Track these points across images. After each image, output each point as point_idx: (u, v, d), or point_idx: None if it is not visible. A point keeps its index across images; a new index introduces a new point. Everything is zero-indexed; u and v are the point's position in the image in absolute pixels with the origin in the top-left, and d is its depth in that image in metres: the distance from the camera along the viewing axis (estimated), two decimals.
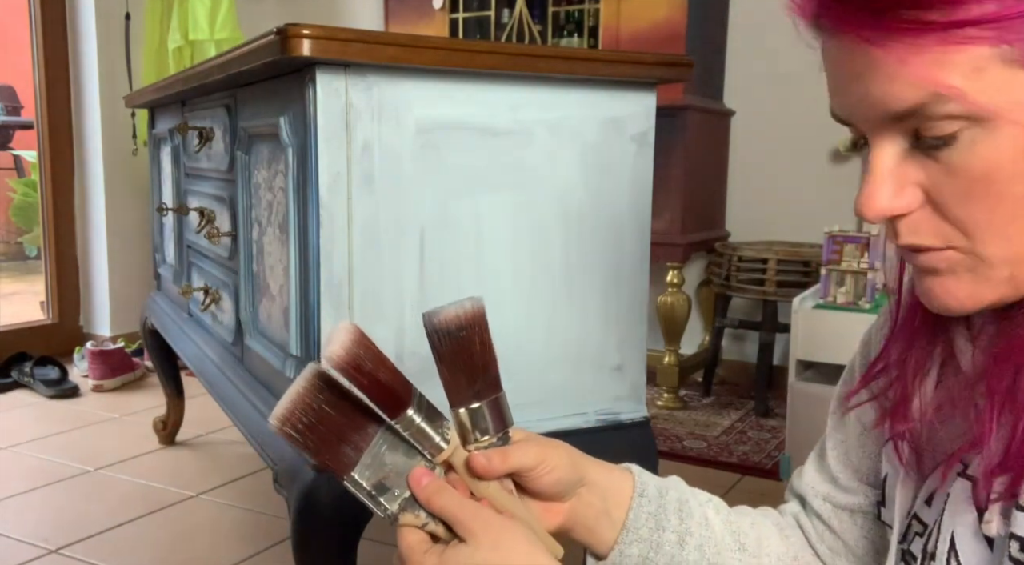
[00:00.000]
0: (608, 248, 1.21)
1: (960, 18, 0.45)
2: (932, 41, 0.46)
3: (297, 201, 1.09)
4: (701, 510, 0.75)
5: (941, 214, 0.51)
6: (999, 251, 0.50)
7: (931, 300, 0.54)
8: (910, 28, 0.46)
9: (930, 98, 0.47)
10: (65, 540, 1.66)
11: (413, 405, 0.60)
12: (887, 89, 0.49)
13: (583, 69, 1.14)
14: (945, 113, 0.47)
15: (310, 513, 1.04)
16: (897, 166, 0.51)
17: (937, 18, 0.46)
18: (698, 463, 2.12)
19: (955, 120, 0.47)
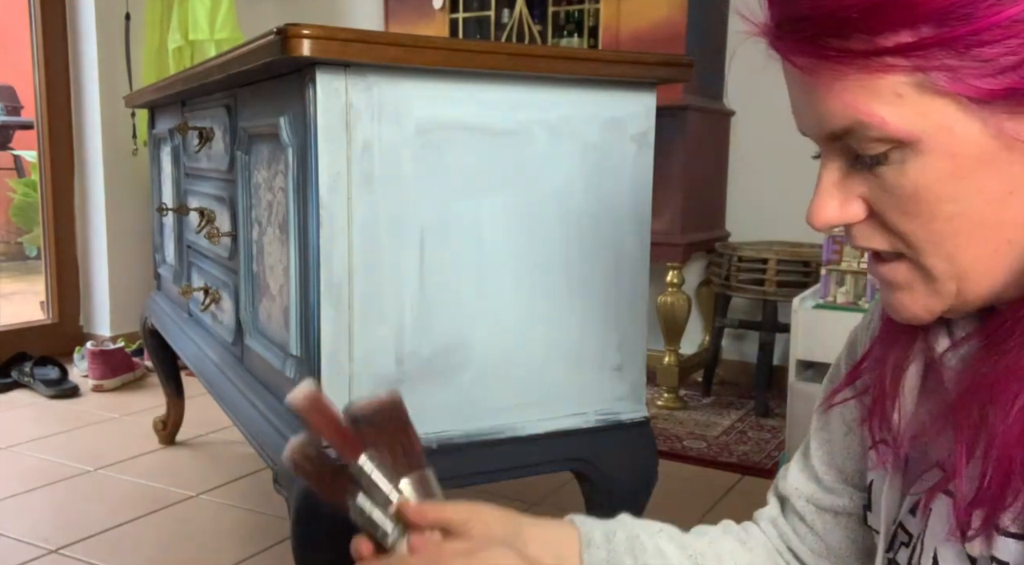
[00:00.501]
0: (608, 248, 1.21)
1: (878, 47, 0.47)
2: (854, 69, 0.49)
3: (297, 201, 1.09)
4: (653, 542, 0.75)
5: (884, 226, 0.54)
6: (941, 265, 0.52)
7: (892, 312, 0.57)
8: (835, 56, 0.49)
9: (855, 123, 0.50)
10: (65, 540, 1.66)
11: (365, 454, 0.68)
12: (821, 111, 0.52)
13: (583, 69, 1.14)
14: (871, 136, 0.50)
15: (310, 513, 1.04)
16: (842, 180, 0.54)
17: (858, 47, 0.48)
18: (698, 463, 2.12)
19: (882, 142, 0.50)
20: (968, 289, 0.53)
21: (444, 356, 1.12)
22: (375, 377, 1.08)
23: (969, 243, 0.51)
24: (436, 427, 1.12)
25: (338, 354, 1.06)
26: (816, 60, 0.50)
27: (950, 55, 0.46)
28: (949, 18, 0.46)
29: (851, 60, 0.49)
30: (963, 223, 0.50)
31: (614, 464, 1.24)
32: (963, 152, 0.49)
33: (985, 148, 0.48)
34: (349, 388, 1.07)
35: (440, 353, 1.12)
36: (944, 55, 0.46)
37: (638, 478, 1.27)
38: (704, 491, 1.95)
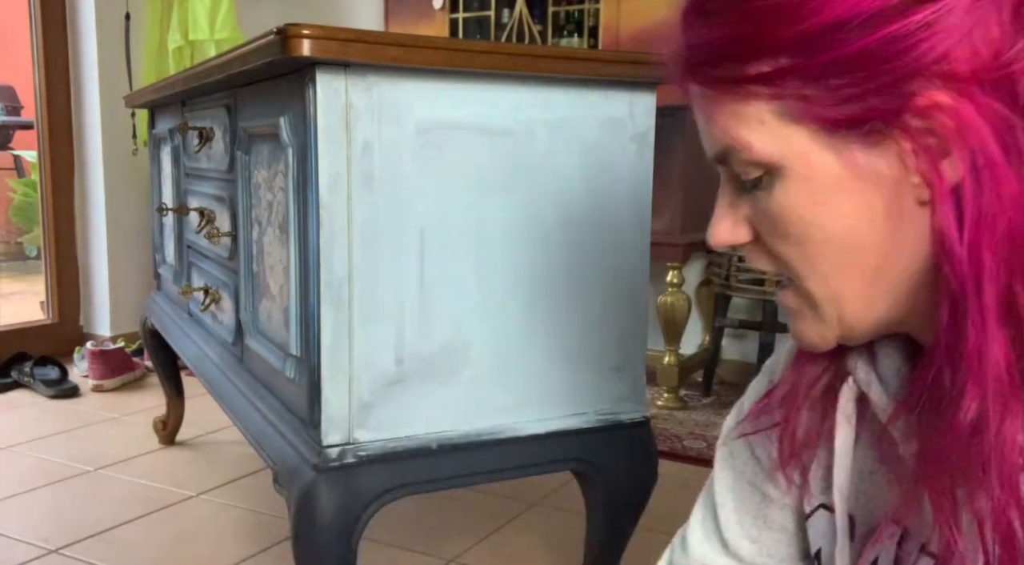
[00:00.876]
0: (608, 248, 1.21)
1: (743, 75, 0.51)
2: (726, 96, 0.53)
3: (297, 201, 1.09)
4: None
5: (767, 249, 0.57)
6: (818, 289, 0.55)
7: (795, 339, 0.60)
8: (713, 83, 0.54)
9: (728, 147, 0.54)
10: (65, 540, 1.66)
11: None
12: (707, 135, 0.57)
13: (583, 69, 1.14)
14: (743, 160, 0.54)
15: (310, 513, 1.04)
16: (732, 202, 0.58)
17: (727, 75, 0.52)
18: (698, 463, 2.12)
19: (753, 166, 0.54)
20: (847, 314, 0.55)
21: (444, 356, 1.12)
22: (375, 377, 1.08)
23: (839, 267, 0.54)
24: (436, 427, 1.12)
25: (338, 354, 1.06)
26: (698, 87, 0.55)
27: (803, 85, 0.50)
28: (802, 49, 0.49)
29: (724, 87, 0.53)
30: (829, 248, 0.53)
31: (614, 464, 1.24)
32: (820, 179, 0.52)
33: (840, 176, 0.51)
34: (349, 388, 1.07)
35: (440, 353, 1.12)
36: (798, 84, 0.50)
37: (638, 478, 1.27)
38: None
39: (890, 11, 0.47)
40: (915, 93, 0.48)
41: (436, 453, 1.12)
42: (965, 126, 0.48)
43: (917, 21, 0.47)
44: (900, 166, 0.50)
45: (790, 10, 0.49)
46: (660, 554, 0.81)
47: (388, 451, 1.09)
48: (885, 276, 0.53)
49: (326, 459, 1.05)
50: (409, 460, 1.10)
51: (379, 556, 1.60)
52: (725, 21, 0.52)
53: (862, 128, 0.50)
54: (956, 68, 0.47)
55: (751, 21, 0.51)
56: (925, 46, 0.47)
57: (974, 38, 0.47)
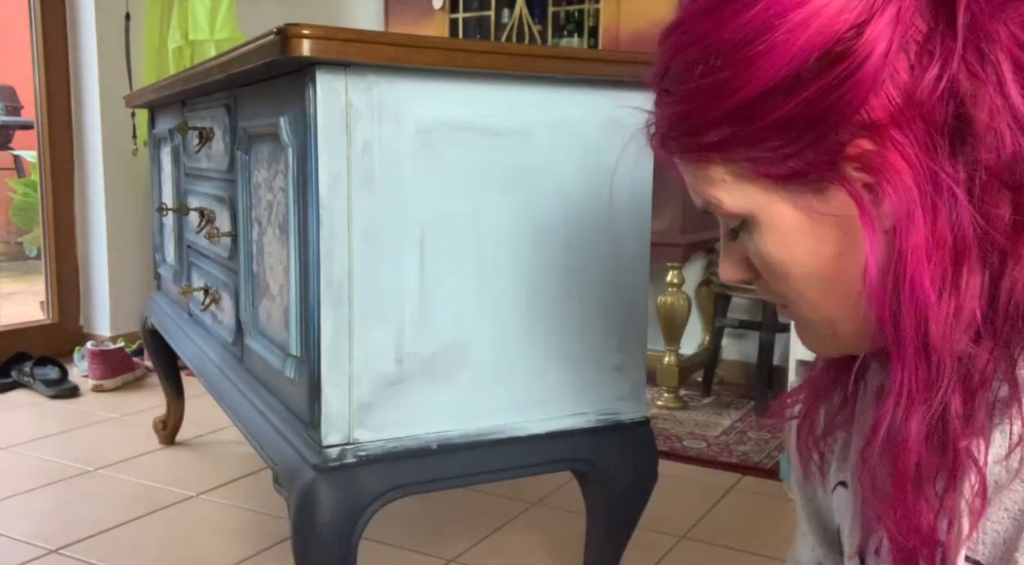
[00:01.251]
0: (608, 248, 1.21)
1: (697, 144, 0.58)
2: (690, 162, 0.60)
3: (297, 201, 1.09)
4: None
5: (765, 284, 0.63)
6: (811, 314, 0.61)
7: (806, 348, 0.66)
8: (676, 152, 0.60)
9: (705, 204, 0.61)
10: (65, 540, 1.66)
11: None
12: (690, 191, 0.62)
13: (583, 69, 1.14)
14: (720, 213, 0.60)
15: (310, 513, 1.04)
16: (730, 245, 0.64)
17: (686, 144, 0.59)
18: (698, 463, 2.12)
19: (730, 218, 0.60)
20: (841, 330, 0.61)
21: (444, 356, 1.12)
22: (375, 377, 1.08)
23: (823, 294, 0.59)
24: (436, 427, 1.12)
25: (338, 354, 1.06)
26: (668, 154, 0.61)
27: (748, 148, 0.56)
28: (739, 119, 0.55)
29: (685, 155, 0.60)
30: (810, 281, 0.59)
31: (614, 464, 1.24)
32: (784, 225, 0.58)
33: (800, 221, 0.57)
34: (349, 388, 1.07)
35: (440, 353, 1.12)
36: (744, 148, 0.56)
37: (638, 478, 1.27)
38: (704, 491, 1.95)
39: (806, 74, 0.52)
40: (844, 143, 0.53)
41: (436, 453, 1.12)
42: (889, 169, 0.53)
43: (832, 78, 0.51)
44: (851, 204, 0.55)
45: (723, 86, 0.54)
46: (660, 554, 0.82)
47: (388, 451, 1.09)
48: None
49: (326, 459, 1.05)
50: (409, 460, 1.10)
51: (379, 556, 1.60)
52: (678, 98, 0.58)
53: (807, 179, 0.55)
54: (874, 116, 0.52)
55: (695, 97, 0.56)
56: (843, 101, 0.52)
57: (887, 85, 0.52)
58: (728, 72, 0.54)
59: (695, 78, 0.56)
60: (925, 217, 0.52)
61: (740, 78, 0.54)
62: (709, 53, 0.55)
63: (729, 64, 0.54)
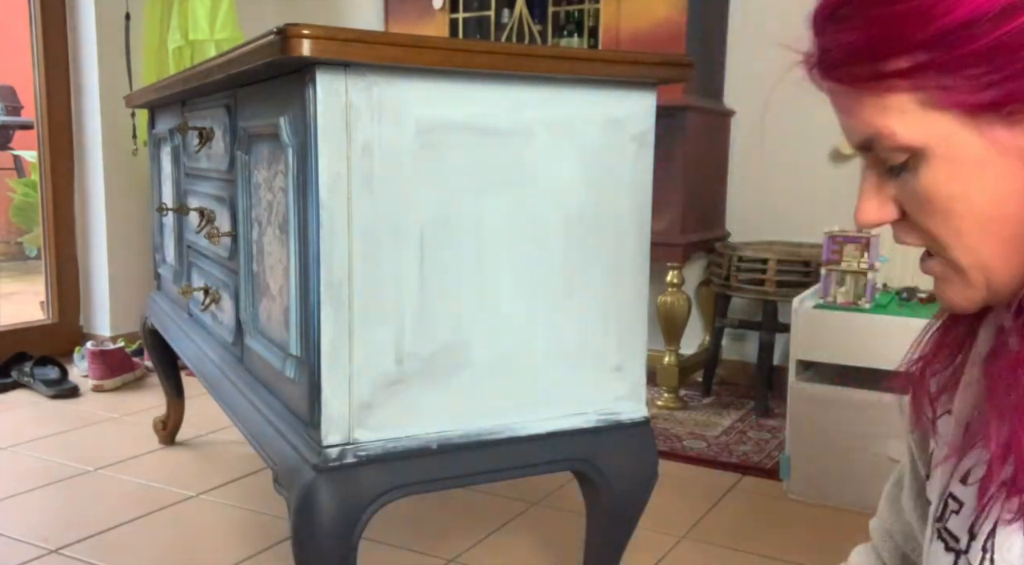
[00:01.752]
0: (608, 248, 1.21)
1: (882, 71, 0.56)
2: (868, 91, 0.58)
3: (297, 201, 1.09)
4: None
5: (915, 226, 0.62)
6: (965, 258, 0.60)
7: (941, 301, 0.65)
8: (851, 81, 0.58)
9: (873, 136, 0.59)
10: (65, 540, 1.66)
11: None
12: (849, 127, 0.61)
13: (583, 69, 1.14)
14: (887, 146, 0.59)
15: (310, 513, 1.04)
16: (877, 185, 0.62)
17: (866, 72, 0.57)
18: (698, 463, 2.12)
19: (898, 152, 0.58)
20: (995, 278, 0.60)
21: (444, 356, 1.12)
22: (375, 377, 1.08)
23: (983, 236, 0.58)
24: (436, 427, 1.12)
25: (338, 354, 1.06)
26: (837, 84, 0.60)
27: (943, 76, 0.55)
28: (938, 45, 0.54)
29: (862, 84, 0.58)
30: (974, 220, 0.58)
31: (614, 464, 1.24)
32: (964, 158, 0.56)
33: (983, 154, 0.56)
34: (349, 388, 1.07)
35: (440, 353, 1.12)
36: (938, 76, 0.55)
37: (638, 478, 1.27)
38: (704, 491, 1.95)
39: (1020, 4, 0.52)
40: None
41: (436, 453, 1.12)
42: None
43: None
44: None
45: (923, 11, 0.53)
46: (660, 554, 0.82)
47: (388, 451, 1.09)
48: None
49: (326, 459, 1.05)
50: (409, 460, 1.10)
51: (379, 556, 1.60)
52: (861, 24, 0.56)
53: (1003, 110, 0.54)
54: None
55: (886, 23, 0.55)
56: None
57: None
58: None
59: (889, 3, 0.55)
60: None
61: (946, 3, 0.52)
62: None
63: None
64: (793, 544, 1.67)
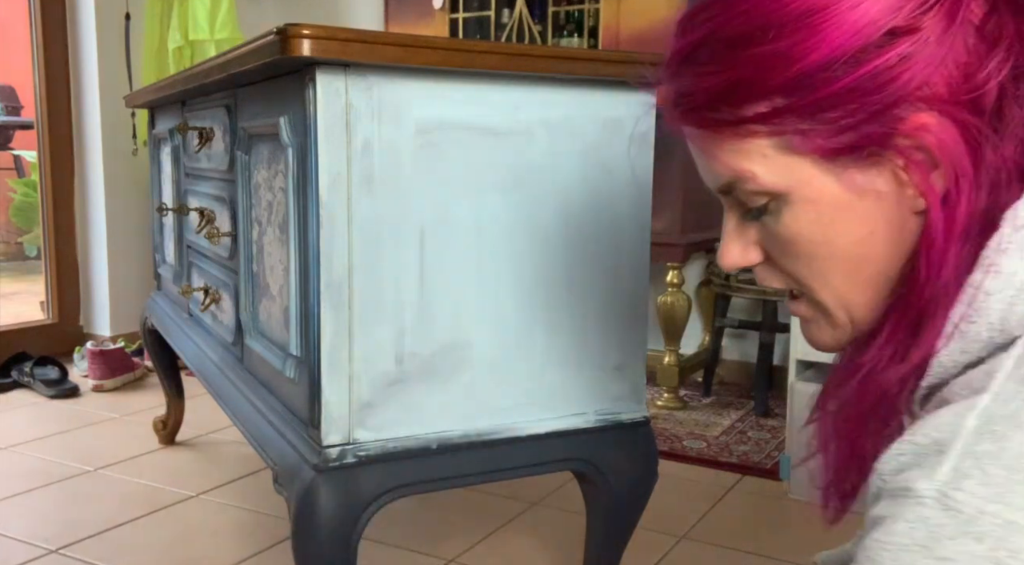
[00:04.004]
0: (608, 248, 1.21)
1: (742, 116, 0.56)
2: (727, 135, 0.58)
3: (297, 201, 1.09)
4: None
5: (777, 268, 0.62)
6: (829, 298, 0.60)
7: (810, 344, 0.66)
8: (711, 125, 0.58)
9: (733, 179, 0.59)
10: (65, 540, 1.66)
11: None
12: (708, 170, 0.61)
13: (583, 69, 1.14)
14: (748, 190, 0.58)
15: (310, 513, 1.04)
16: (738, 227, 0.63)
17: (725, 117, 0.57)
18: (698, 463, 2.12)
19: (759, 195, 0.58)
20: (858, 317, 0.61)
21: (444, 356, 1.12)
22: (375, 377, 1.08)
23: (847, 278, 0.59)
24: (436, 427, 1.12)
25: (338, 354, 1.06)
26: (697, 129, 0.59)
27: (800, 120, 0.55)
28: (796, 89, 0.54)
29: (723, 128, 0.57)
30: (837, 262, 0.58)
31: (614, 464, 1.24)
32: (824, 201, 0.57)
33: (841, 197, 0.56)
34: (349, 388, 1.07)
35: (440, 353, 1.12)
36: (795, 120, 0.55)
37: (638, 478, 1.27)
38: (704, 491, 1.95)
39: (871, 48, 0.52)
40: (903, 117, 0.53)
41: (436, 453, 1.12)
42: (946, 142, 0.53)
43: (897, 54, 0.52)
44: (895, 181, 0.56)
45: (779, 56, 0.53)
46: (660, 554, 0.82)
47: (388, 451, 1.09)
48: (887, 280, 0.59)
49: (326, 459, 1.05)
50: (409, 460, 1.10)
51: (379, 556, 1.60)
52: (717, 68, 0.56)
53: (859, 153, 0.55)
54: (936, 91, 0.53)
55: (743, 67, 0.55)
56: (907, 76, 0.52)
57: (948, 63, 0.53)
58: (788, 41, 0.53)
59: (746, 47, 0.55)
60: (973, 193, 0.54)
61: (802, 47, 0.53)
62: (768, 22, 0.54)
63: (790, 33, 0.53)
64: (793, 544, 1.67)
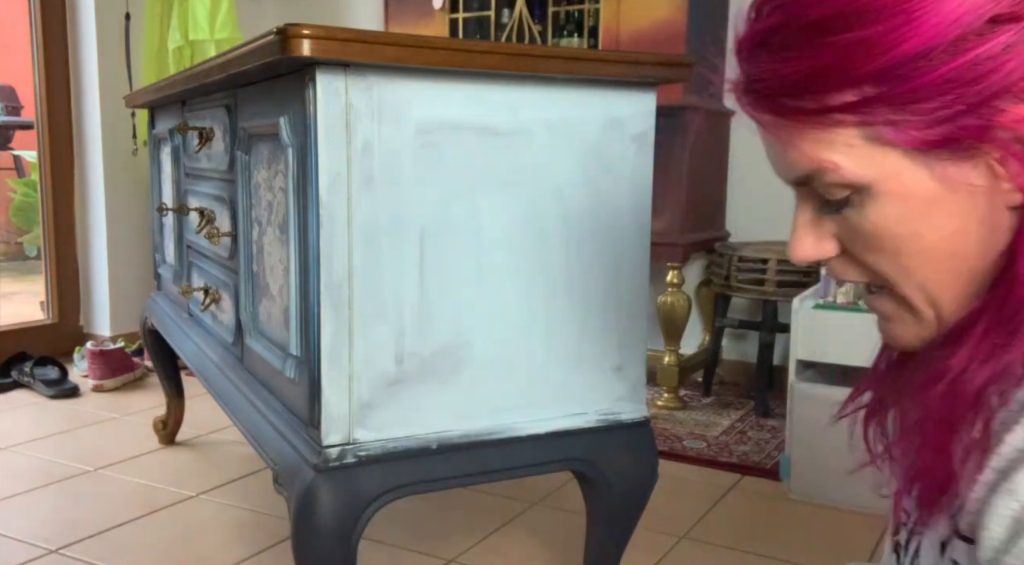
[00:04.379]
0: (608, 248, 1.21)
1: (827, 105, 0.53)
2: (810, 124, 0.55)
3: (297, 201, 1.09)
4: None
5: (856, 262, 0.59)
6: (916, 294, 0.58)
7: (889, 341, 0.63)
8: (791, 114, 0.55)
9: (815, 171, 0.56)
10: (65, 540, 1.66)
11: None
12: (785, 160, 0.58)
13: (583, 69, 1.14)
14: (829, 182, 0.56)
15: (310, 513, 1.04)
16: (814, 220, 0.60)
17: (810, 106, 0.54)
18: (698, 463, 2.12)
19: (840, 188, 0.56)
20: (945, 314, 0.58)
21: (444, 356, 1.12)
22: (375, 377, 1.08)
23: (935, 274, 0.56)
24: (436, 427, 1.12)
25: (338, 354, 1.06)
26: (775, 117, 0.56)
27: (892, 110, 0.52)
28: (888, 79, 0.51)
29: (805, 117, 0.54)
30: (925, 257, 0.56)
31: (614, 464, 1.24)
32: (914, 195, 0.54)
33: (933, 191, 0.54)
34: (349, 388, 1.07)
35: (440, 353, 1.12)
36: (886, 111, 0.52)
37: (638, 478, 1.27)
38: (704, 491, 1.95)
39: (971, 36, 0.50)
40: (1003, 109, 0.51)
41: (436, 453, 1.12)
42: None
43: (1000, 43, 0.49)
44: (990, 174, 0.53)
45: (872, 42, 0.51)
46: (660, 554, 0.82)
47: (388, 451, 1.09)
48: (976, 277, 0.56)
49: (326, 459, 1.05)
50: (409, 460, 1.10)
51: (379, 556, 1.60)
52: (800, 55, 0.53)
53: (954, 145, 0.52)
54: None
55: (829, 54, 0.52)
56: (1010, 66, 0.50)
57: None
58: (882, 27, 0.50)
59: (832, 32, 0.52)
60: None
61: (898, 34, 0.50)
62: (857, 6, 0.51)
63: (884, 19, 0.50)
64: (793, 544, 1.67)
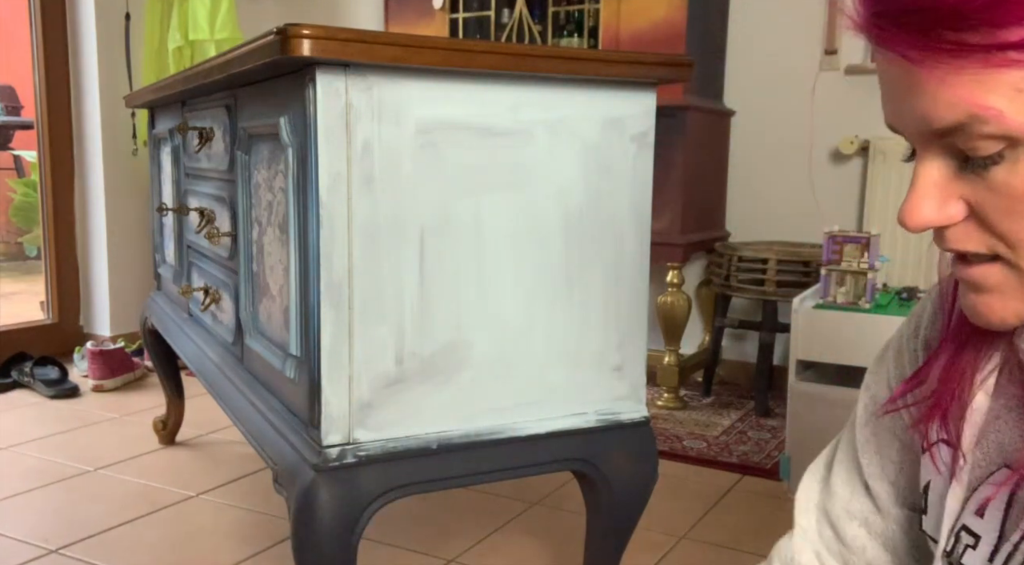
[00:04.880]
0: (608, 248, 1.21)
1: (1002, 41, 0.45)
2: (973, 63, 0.46)
3: (297, 201, 1.09)
4: None
5: (985, 227, 0.51)
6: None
7: (975, 316, 0.55)
8: (952, 49, 0.47)
9: (969, 118, 0.48)
10: (65, 540, 1.66)
11: None
12: (929, 107, 0.49)
13: (583, 69, 1.14)
14: (985, 133, 0.48)
15: (310, 513, 1.04)
16: (941, 180, 0.52)
17: (979, 41, 0.46)
18: (698, 463, 2.12)
19: (995, 140, 0.48)
20: None
21: (444, 356, 1.12)
22: (375, 377, 1.08)
23: None
24: (436, 427, 1.12)
25: (338, 354, 1.06)
26: (928, 53, 0.48)
27: None
28: None
29: (969, 53, 0.46)
30: None
31: (614, 464, 1.24)
32: None
33: None
34: (349, 388, 1.07)
35: (440, 353, 1.12)
36: None
37: (638, 478, 1.27)
38: (704, 491, 1.95)
39: None
40: None
41: (436, 453, 1.12)
42: None
43: None
44: None
45: None
46: (660, 554, 0.81)
47: (388, 451, 1.09)
48: None
49: (326, 459, 1.05)
50: (409, 460, 1.10)
51: (379, 556, 1.60)
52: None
53: None
54: None
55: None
56: None
57: None
58: None
59: None
60: None
61: None
62: None
63: None
64: None
